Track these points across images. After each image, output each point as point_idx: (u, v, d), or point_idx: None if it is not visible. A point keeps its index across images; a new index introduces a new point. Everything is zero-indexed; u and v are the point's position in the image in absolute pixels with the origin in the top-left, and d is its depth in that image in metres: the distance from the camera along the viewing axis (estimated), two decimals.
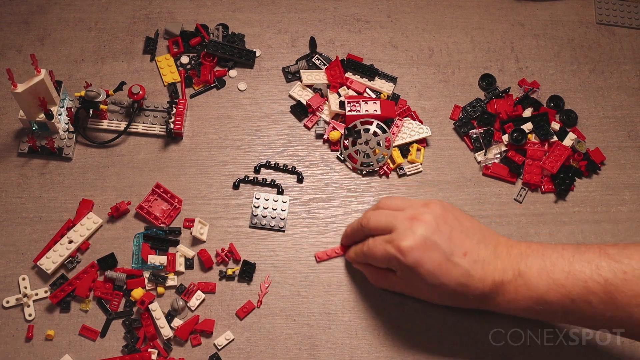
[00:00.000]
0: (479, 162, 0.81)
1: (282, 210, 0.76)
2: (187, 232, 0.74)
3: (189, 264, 0.72)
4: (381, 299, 0.72)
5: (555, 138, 0.81)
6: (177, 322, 0.69)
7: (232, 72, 0.84)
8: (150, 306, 0.69)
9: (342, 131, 0.80)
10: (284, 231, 0.75)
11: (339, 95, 0.82)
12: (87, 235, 0.72)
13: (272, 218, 0.75)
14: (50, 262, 0.70)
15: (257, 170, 0.78)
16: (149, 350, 0.67)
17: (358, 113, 0.79)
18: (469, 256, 0.61)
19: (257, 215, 0.75)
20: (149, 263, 0.70)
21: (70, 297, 0.70)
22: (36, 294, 0.69)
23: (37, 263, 0.70)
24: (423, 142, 0.81)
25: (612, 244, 0.62)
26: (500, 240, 0.64)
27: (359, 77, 0.83)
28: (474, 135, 0.82)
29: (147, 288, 0.70)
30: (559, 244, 0.63)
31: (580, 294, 0.58)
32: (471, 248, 0.61)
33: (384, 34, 0.88)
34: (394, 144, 0.80)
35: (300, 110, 0.82)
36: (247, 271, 0.72)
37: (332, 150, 0.80)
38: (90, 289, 0.70)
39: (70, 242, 0.71)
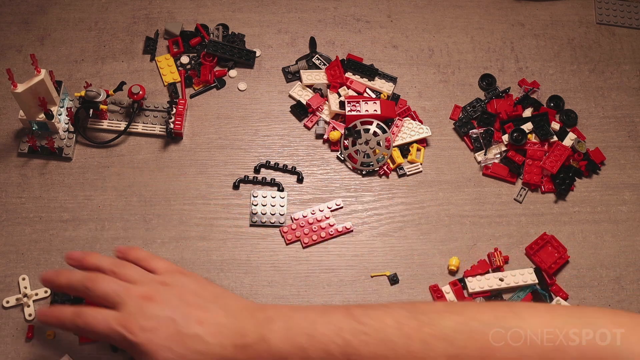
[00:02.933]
0: (479, 162, 0.81)
1: (281, 206, 0.76)
2: None
3: None
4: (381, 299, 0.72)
5: (555, 138, 0.81)
6: None
7: (232, 72, 0.84)
8: None
9: (342, 131, 0.80)
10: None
11: (339, 95, 0.82)
12: None
13: (272, 215, 0.75)
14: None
15: (257, 170, 0.78)
16: None
17: (358, 113, 0.79)
18: (205, 324, 0.59)
19: (256, 214, 0.75)
20: None
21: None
22: (36, 294, 0.69)
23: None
24: (423, 142, 0.81)
25: (359, 305, 0.61)
26: (244, 305, 0.62)
27: (359, 77, 0.83)
28: (474, 135, 0.82)
29: None
30: (308, 306, 0.63)
31: (320, 357, 0.56)
32: (207, 316, 0.60)
33: (384, 34, 0.88)
34: (394, 144, 0.80)
35: (300, 110, 0.82)
36: None
37: (332, 150, 0.80)
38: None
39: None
